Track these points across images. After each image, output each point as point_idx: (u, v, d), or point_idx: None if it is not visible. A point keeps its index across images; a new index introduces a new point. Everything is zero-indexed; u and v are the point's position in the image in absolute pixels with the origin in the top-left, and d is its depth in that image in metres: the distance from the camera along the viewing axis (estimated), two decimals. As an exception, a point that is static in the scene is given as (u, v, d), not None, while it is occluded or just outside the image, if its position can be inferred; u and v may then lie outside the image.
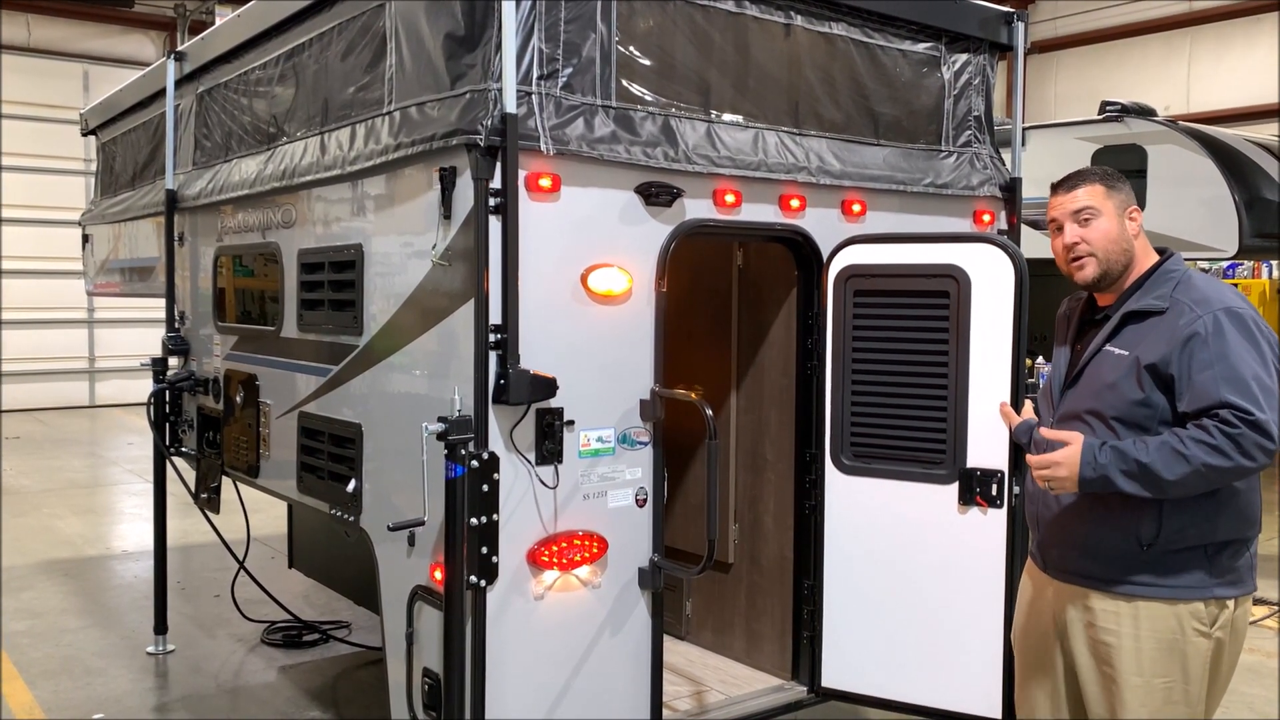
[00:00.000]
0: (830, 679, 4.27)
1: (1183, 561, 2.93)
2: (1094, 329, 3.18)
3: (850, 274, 4.11)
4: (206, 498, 5.64)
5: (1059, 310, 3.44)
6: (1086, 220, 3.08)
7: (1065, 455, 2.95)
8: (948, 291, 3.95)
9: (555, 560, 3.56)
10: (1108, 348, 3.05)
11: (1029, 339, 3.97)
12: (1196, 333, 2.88)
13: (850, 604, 4.20)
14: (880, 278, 4.07)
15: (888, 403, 4.09)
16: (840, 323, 4.13)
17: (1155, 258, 3.14)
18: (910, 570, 4.08)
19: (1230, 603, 2.97)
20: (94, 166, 8.52)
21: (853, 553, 4.18)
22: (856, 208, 4.31)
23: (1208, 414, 2.82)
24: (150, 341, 6.77)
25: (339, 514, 4.19)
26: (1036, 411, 3.38)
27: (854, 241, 4.15)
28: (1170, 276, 3.06)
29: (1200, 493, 2.88)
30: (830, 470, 4.19)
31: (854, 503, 4.15)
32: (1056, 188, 3.18)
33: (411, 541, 3.65)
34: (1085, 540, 3.06)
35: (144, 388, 6.12)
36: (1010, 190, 4.75)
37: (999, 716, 4.02)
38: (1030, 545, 3.34)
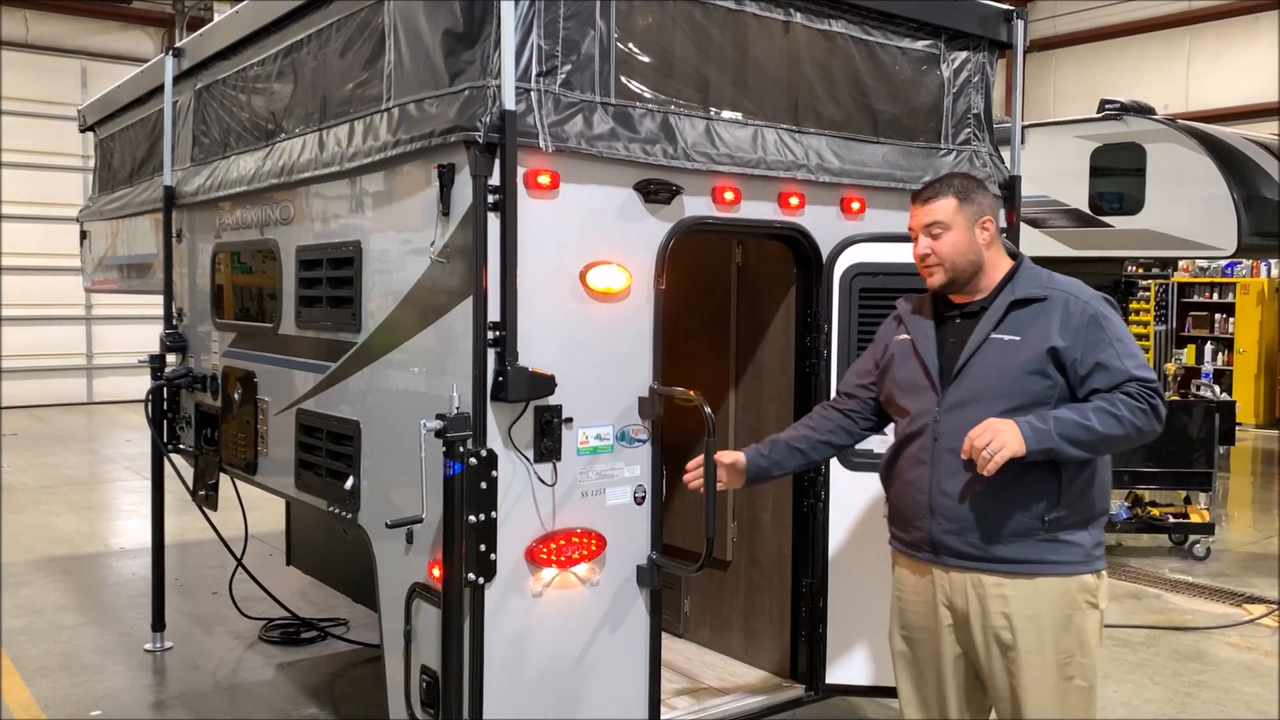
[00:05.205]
0: (835, 675, 4.32)
1: (1069, 536, 3.07)
2: (956, 324, 3.24)
3: (856, 272, 4.18)
4: (204, 495, 5.62)
5: (896, 310, 3.45)
6: (937, 234, 3.20)
7: (1001, 422, 2.93)
8: None
9: (553, 558, 3.55)
10: (994, 335, 3.12)
11: None
12: (1092, 317, 3.05)
13: (856, 597, 4.25)
14: (887, 276, 4.15)
15: None
16: (846, 320, 4.19)
17: (1008, 260, 3.27)
18: None
19: (1104, 574, 3.16)
20: (92, 163, 8.51)
21: (859, 546, 4.23)
22: (856, 205, 4.31)
23: (1118, 388, 2.99)
24: (148, 338, 6.74)
25: (337, 511, 4.18)
26: None
27: (859, 240, 4.20)
28: (1035, 272, 3.22)
29: (1112, 453, 3.12)
30: (835, 467, 4.22)
31: (861, 498, 4.20)
32: (915, 197, 3.30)
33: (410, 539, 3.65)
34: (988, 522, 3.06)
35: (142, 384, 6.11)
36: (1009, 188, 4.75)
37: None
38: (905, 538, 3.29)
